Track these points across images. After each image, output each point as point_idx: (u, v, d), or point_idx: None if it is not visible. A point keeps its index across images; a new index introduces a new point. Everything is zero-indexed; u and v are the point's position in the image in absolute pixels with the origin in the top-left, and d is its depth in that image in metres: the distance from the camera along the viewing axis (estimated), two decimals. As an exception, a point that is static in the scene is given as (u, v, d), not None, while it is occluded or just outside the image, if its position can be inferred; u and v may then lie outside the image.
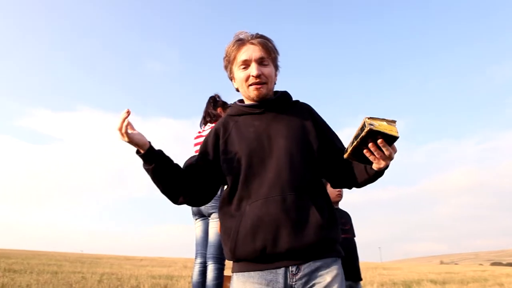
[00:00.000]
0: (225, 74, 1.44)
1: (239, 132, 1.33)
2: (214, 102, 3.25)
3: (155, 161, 1.23)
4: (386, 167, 1.12)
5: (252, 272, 1.18)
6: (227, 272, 2.80)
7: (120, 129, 1.17)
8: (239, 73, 1.34)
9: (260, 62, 1.32)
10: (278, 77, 1.41)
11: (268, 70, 1.33)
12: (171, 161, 1.28)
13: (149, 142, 1.23)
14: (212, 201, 2.87)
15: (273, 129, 1.29)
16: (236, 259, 1.23)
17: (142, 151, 1.22)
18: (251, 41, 1.33)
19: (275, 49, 1.36)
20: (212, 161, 1.33)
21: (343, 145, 1.36)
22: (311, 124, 1.33)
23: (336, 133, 1.43)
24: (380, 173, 1.18)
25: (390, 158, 1.08)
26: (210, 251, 2.87)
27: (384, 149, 1.05)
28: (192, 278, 3.02)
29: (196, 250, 3.07)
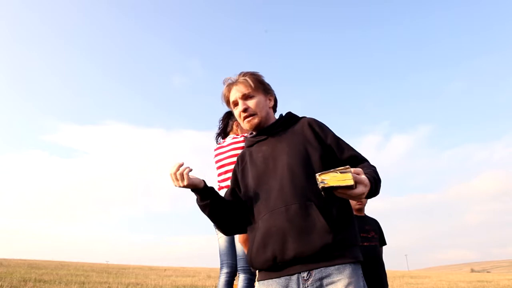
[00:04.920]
0: None
1: (251, 160, 1.51)
2: (230, 116, 3.28)
3: (210, 197, 1.38)
4: (367, 196, 1.21)
5: (270, 280, 1.29)
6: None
7: (181, 174, 1.31)
8: (234, 112, 1.57)
9: (245, 98, 1.51)
10: (274, 100, 1.60)
11: (253, 101, 1.51)
12: (220, 196, 1.44)
13: (203, 181, 1.38)
14: None
15: (277, 150, 1.43)
16: (255, 270, 1.37)
17: (199, 189, 1.37)
18: (235, 83, 1.54)
19: (258, 80, 1.54)
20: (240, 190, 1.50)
21: (353, 151, 1.44)
22: (312, 136, 1.43)
23: (353, 140, 1.50)
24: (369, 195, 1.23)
25: (359, 197, 1.14)
26: (240, 264, 2.92)
27: (347, 194, 1.12)
28: (217, 288, 3.03)
29: (221, 261, 3.09)
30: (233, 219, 1.44)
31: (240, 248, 2.92)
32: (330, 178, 1.07)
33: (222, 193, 3.01)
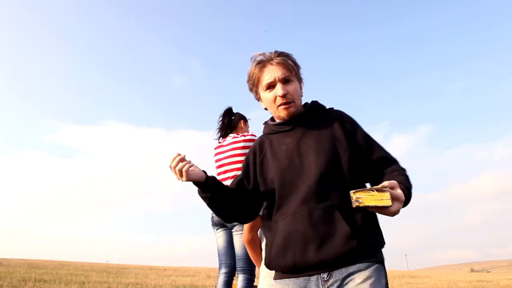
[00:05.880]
0: (244, 86, 1.47)
1: (272, 151, 1.37)
2: (231, 113, 3.31)
3: (211, 191, 1.29)
4: (399, 210, 1.12)
5: (287, 280, 1.24)
6: (256, 282, 2.80)
7: (180, 170, 1.20)
8: (266, 95, 1.37)
9: (284, 81, 1.33)
10: (303, 89, 1.44)
11: (292, 87, 1.35)
12: (223, 186, 1.34)
13: (205, 173, 1.28)
14: None
15: (303, 145, 1.31)
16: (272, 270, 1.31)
17: (200, 182, 1.27)
18: (271, 62, 1.35)
19: (296, 63, 1.38)
20: (254, 181, 1.40)
21: (384, 152, 1.33)
22: (341, 133, 1.32)
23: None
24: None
25: (393, 215, 1.10)
26: (239, 264, 2.90)
27: (382, 213, 1.08)
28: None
29: (220, 260, 3.08)
30: (235, 209, 1.37)
31: (239, 248, 2.90)
32: (365, 197, 1.02)
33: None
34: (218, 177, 3.11)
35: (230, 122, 3.27)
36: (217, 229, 3.14)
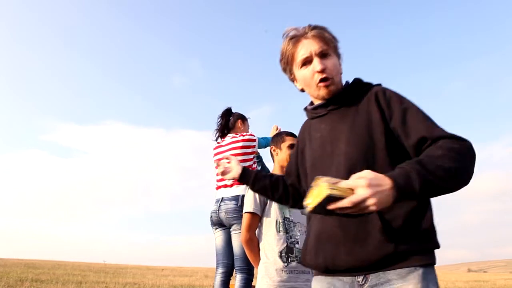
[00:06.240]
0: (243, 86, 1.46)
1: (309, 139, 1.28)
2: (230, 113, 3.30)
3: (250, 179, 1.44)
4: (406, 196, 0.90)
5: (322, 276, 1.18)
6: (254, 282, 2.80)
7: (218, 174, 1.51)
8: (302, 72, 1.21)
9: (322, 55, 1.18)
10: (342, 66, 1.26)
11: (331, 62, 1.18)
12: (265, 176, 1.45)
13: (242, 168, 1.46)
14: (234, 212, 2.93)
15: (337, 132, 1.16)
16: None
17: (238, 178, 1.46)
18: (305, 35, 1.19)
19: (333, 36, 1.22)
20: (296, 172, 1.39)
21: (422, 131, 1.05)
22: (378, 116, 1.11)
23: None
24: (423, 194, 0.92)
25: (363, 205, 0.85)
26: (238, 263, 2.88)
27: (348, 207, 0.86)
28: (213, 288, 3.02)
29: (217, 260, 3.08)
30: (281, 197, 1.42)
31: (237, 247, 2.89)
32: (311, 200, 0.89)
33: (220, 193, 3.03)
34: (217, 177, 3.10)
35: (228, 122, 3.27)
36: (216, 229, 3.13)
